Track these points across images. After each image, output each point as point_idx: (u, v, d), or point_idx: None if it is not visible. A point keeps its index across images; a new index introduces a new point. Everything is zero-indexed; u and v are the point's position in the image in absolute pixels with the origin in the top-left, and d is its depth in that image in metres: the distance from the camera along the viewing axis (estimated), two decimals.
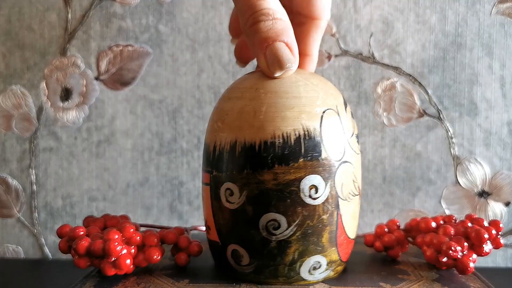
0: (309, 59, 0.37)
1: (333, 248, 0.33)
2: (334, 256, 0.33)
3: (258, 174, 0.31)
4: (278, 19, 0.31)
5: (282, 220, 0.31)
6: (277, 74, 0.32)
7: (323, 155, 0.31)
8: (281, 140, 0.30)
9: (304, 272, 0.32)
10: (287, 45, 0.31)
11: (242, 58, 0.40)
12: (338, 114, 0.32)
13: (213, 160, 0.32)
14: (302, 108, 0.31)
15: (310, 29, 0.36)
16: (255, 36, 0.31)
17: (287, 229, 0.31)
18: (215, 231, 0.33)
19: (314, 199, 0.31)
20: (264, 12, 0.31)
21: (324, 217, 0.31)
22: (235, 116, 0.32)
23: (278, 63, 0.31)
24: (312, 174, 0.31)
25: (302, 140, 0.31)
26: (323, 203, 0.31)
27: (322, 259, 0.32)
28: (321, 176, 0.31)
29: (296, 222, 0.31)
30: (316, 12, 0.36)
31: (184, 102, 0.53)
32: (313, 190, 0.31)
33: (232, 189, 0.31)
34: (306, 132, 0.31)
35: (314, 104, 0.31)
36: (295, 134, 0.31)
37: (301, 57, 0.34)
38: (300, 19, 0.36)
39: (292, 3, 0.36)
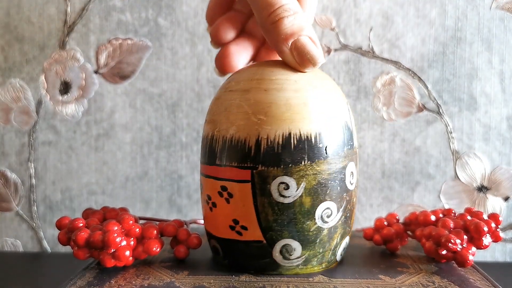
0: None
1: (352, 228, 0.36)
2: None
3: (316, 164, 0.31)
4: (298, 13, 0.32)
5: (334, 207, 0.32)
6: (308, 69, 0.32)
7: (355, 144, 0.34)
8: (331, 131, 0.32)
9: (338, 255, 0.35)
10: (310, 39, 0.32)
11: (223, 68, 0.37)
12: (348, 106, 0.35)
13: (256, 155, 0.31)
14: (341, 100, 0.33)
15: None
16: (279, 33, 0.32)
17: (336, 215, 0.33)
18: (258, 230, 0.32)
19: (352, 184, 0.34)
20: (285, 8, 0.31)
21: (354, 200, 0.35)
22: (282, 108, 0.31)
23: (311, 59, 0.32)
24: (351, 161, 0.33)
25: (345, 130, 0.33)
26: (356, 187, 0.34)
27: (348, 239, 0.35)
28: (354, 163, 0.34)
29: (342, 207, 0.33)
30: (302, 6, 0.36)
31: (183, 95, 0.53)
32: (352, 176, 0.33)
33: (288, 182, 0.31)
34: (346, 123, 0.33)
35: (344, 97, 0.34)
36: (340, 125, 0.32)
37: None
38: None
39: None
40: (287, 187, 0.31)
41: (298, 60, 0.32)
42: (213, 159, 0.33)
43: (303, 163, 0.31)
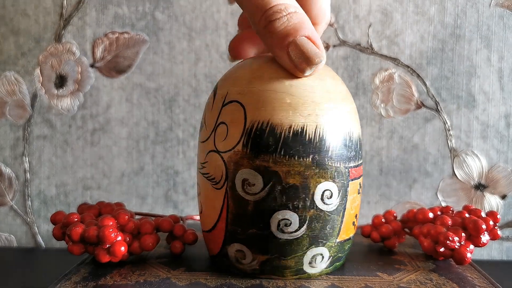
0: None
1: None
2: None
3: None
4: (293, 13, 0.29)
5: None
6: (307, 73, 0.30)
7: None
8: None
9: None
10: (309, 38, 0.29)
11: (236, 52, 0.36)
12: None
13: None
14: None
15: None
16: (272, 37, 0.29)
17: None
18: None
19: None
20: (275, 9, 0.29)
21: None
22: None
23: (307, 61, 0.29)
24: None
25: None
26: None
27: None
28: None
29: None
30: (316, 18, 0.33)
31: (180, 90, 0.53)
32: None
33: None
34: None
35: None
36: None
37: None
38: None
39: None
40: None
41: (296, 64, 0.29)
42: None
43: None
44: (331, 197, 0.30)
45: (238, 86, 0.31)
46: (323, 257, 0.32)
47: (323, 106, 0.30)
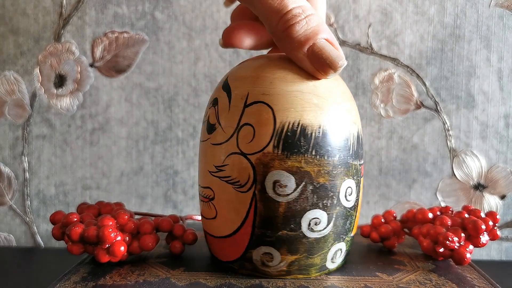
0: None
1: None
2: None
3: None
4: (311, 16, 0.29)
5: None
6: (330, 76, 0.30)
7: None
8: None
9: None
10: (328, 41, 0.29)
11: (232, 40, 0.35)
12: None
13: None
14: None
15: None
16: (292, 41, 0.29)
17: None
18: None
19: None
20: (294, 12, 0.29)
21: None
22: None
23: (331, 65, 0.29)
24: None
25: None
26: None
27: None
28: None
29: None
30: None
31: (180, 90, 0.52)
32: None
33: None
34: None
35: None
36: None
37: None
38: None
39: None
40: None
41: (317, 67, 0.29)
42: None
43: None
44: (351, 194, 0.32)
45: (260, 86, 0.30)
46: (341, 252, 0.33)
47: (343, 106, 0.31)
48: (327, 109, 0.30)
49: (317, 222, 0.30)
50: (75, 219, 0.34)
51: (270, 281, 0.31)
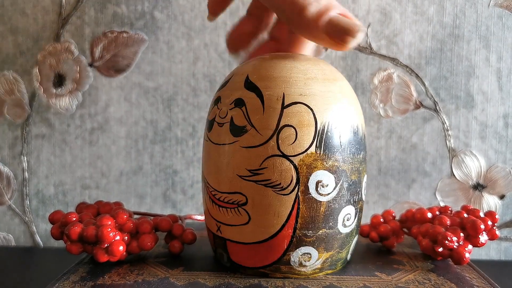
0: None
1: None
2: None
3: None
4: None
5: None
6: (350, 44, 0.30)
7: None
8: None
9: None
10: (342, 14, 0.30)
11: (239, 44, 0.38)
12: None
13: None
14: None
15: None
16: (308, 21, 0.30)
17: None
18: None
19: None
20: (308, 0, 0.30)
21: None
22: None
23: (348, 32, 0.29)
24: None
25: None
26: None
27: None
28: None
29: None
30: None
31: (179, 90, 0.52)
32: None
33: None
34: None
35: None
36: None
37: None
38: None
39: None
40: None
41: (336, 38, 0.29)
42: None
43: None
44: (365, 188, 0.34)
45: (295, 87, 0.30)
46: (355, 244, 0.35)
47: (359, 106, 0.33)
48: (354, 108, 0.32)
49: (349, 217, 0.32)
50: (74, 219, 0.34)
51: (269, 281, 0.31)
